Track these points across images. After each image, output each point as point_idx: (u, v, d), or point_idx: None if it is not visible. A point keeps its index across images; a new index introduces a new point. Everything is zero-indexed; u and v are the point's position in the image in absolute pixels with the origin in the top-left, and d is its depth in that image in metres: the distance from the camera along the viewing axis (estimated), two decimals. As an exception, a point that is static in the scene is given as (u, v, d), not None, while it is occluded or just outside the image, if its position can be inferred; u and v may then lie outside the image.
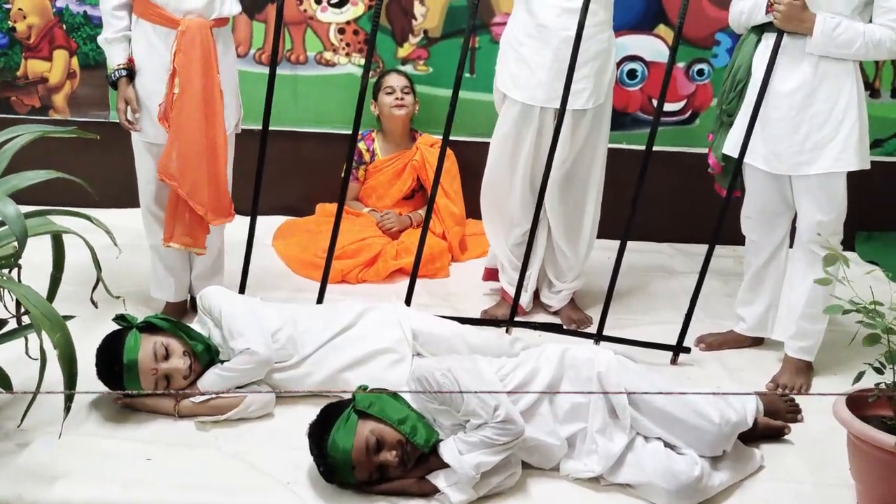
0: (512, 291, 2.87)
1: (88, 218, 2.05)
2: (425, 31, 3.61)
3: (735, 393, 2.15)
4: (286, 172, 3.72)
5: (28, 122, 3.63)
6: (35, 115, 3.69)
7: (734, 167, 2.62)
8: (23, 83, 3.66)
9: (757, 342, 2.87)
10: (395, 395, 2.02)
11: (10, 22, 3.56)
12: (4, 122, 3.65)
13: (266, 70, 3.72)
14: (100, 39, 2.60)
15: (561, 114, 2.61)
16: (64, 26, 3.58)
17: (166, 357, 2.22)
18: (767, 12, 2.44)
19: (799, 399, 2.47)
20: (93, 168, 3.41)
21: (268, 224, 3.61)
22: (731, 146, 2.63)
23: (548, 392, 2.01)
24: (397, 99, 3.45)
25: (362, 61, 3.60)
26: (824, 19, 2.36)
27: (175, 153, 2.57)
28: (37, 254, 2.22)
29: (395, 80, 3.49)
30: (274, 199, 3.73)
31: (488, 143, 2.91)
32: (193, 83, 2.55)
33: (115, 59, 2.58)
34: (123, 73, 2.56)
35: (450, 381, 1.96)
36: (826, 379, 2.67)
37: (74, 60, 3.62)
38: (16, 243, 1.91)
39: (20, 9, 3.55)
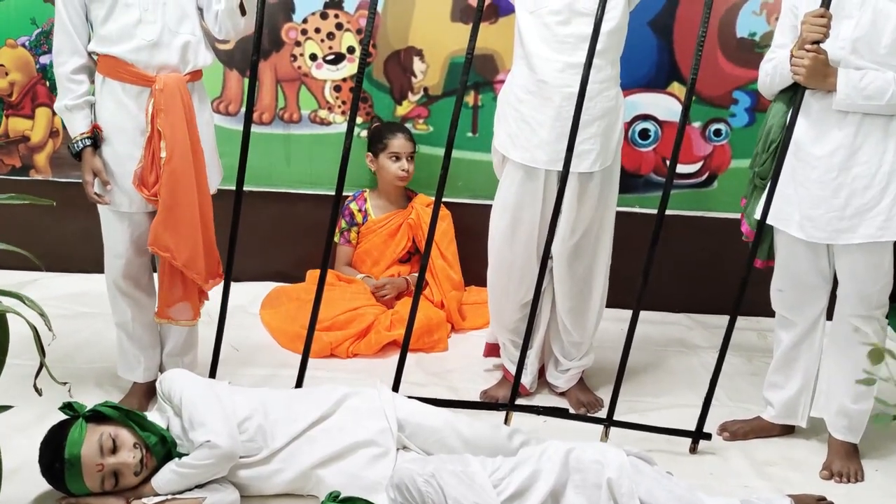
0: (514, 370, 2.61)
1: (19, 297, 1.81)
2: (425, 89, 3.43)
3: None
4: (278, 236, 3.53)
5: (8, 183, 3.49)
6: (16, 175, 3.52)
7: (762, 233, 2.39)
8: (3, 142, 3.49)
9: (787, 430, 2.60)
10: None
11: (-9, 78, 3.41)
12: (-17, 182, 3.54)
13: (260, 129, 3.65)
14: (57, 107, 2.38)
15: (564, 176, 2.38)
16: (47, 83, 3.42)
17: (114, 451, 1.98)
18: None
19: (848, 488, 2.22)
20: (75, 228, 3.25)
21: (257, 290, 3.43)
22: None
23: (550, 502, 1.73)
24: (402, 170, 3.27)
25: (360, 120, 3.42)
26: (847, 72, 2.19)
27: (168, 222, 2.36)
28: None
29: (401, 146, 3.29)
30: (264, 264, 3.55)
31: (490, 206, 2.70)
32: (180, 144, 2.35)
33: (77, 127, 2.36)
34: (88, 142, 2.35)
35: (434, 490, 1.69)
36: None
37: (57, 119, 3.45)
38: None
39: (2, 65, 3.40)
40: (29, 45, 3.38)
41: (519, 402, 2.61)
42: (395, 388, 2.44)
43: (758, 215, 2.39)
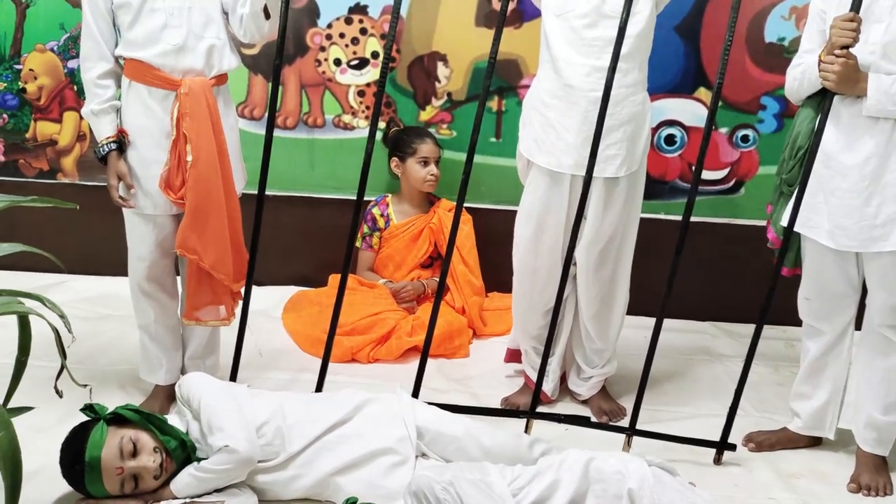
0: (536, 377, 2.58)
1: (40, 299, 1.82)
2: (449, 94, 3.42)
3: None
4: (301, 240, 3.54)
5: (35, 186, 3.53)
6: (43, 178, 3.55)
7: (790, 241, 2.35)
8: (31, 146, 3.53)
9: (815, 442, 2.55)
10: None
11: (20, 82, 3.45)
12: (12, 185, 3.58)
13: (285, 134, 3.66)
14: (84, 112, 2.40)
15: (587, 181, 2.35)
16: (75, 88, 3.46)
17: (134, 454, 1.98)
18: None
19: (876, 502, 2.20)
20: (101, 231, 3.27)
21: (279, 294, 3.44)
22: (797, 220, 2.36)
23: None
24: (431, 175, 3.27)
25: (383, 125, 3.42)
26: (877, 77, 2.15)
27: (195, 224, 2.37)
28: (9, 331, 2.02)
29: (430, 151, 3.29)
30: (287, 268, 3.56)
31: (514, 212, 2.67)
32: (206, 148, 2.36)
33: (103, 131, 2.38)
34: (113, 146, 2.37)
35: (452, 498, 1.67)
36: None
37: (84, 123, 3.48)
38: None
39: (31, 69, 3.44)
40: (57, 50, 3.42)
41: (540, 409, 2.58)
42: (416, 393, 2.43)
43: (785, 222, 2.35)
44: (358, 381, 2.76)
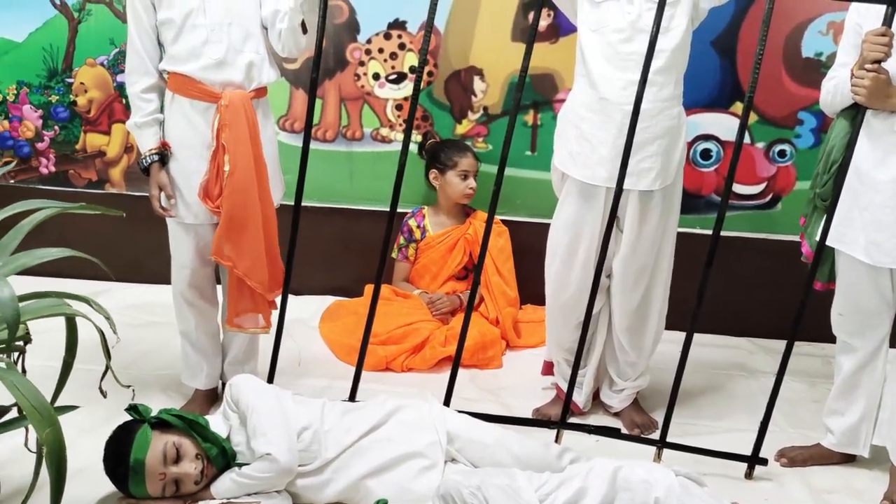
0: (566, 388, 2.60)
1: (88, 301, 1.90)
2: (485, 108, 3.47)
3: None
4: (338, 251, 3.59)
5: (84, 195, 3.64)
6: (92, 188, 3.67)
7: (821, 255, 2.34)
8: (81, 157, 3.65)
9: (848, 458, 2.52)
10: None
11: (71, 96, 3.57)
12: (62, 195, 3.69)
13: (324, 147, 3.74)
14: (129, 124, 2.50)
15: (617, 194, 2.37)
16: (123, 101, 3.57)
17: (177, 460, 2.04)
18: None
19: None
20: (145, 240, 3.37)
21: (317, 304, 3.50)
22: (831, 234, 2.35)
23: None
24: (470, 188, 3.32)
25: (419, 138, 3.47)
26: None
27: (229, 233, 2.44)
28: (52, 336, 2.10)
29: (470, 164, 3.34)
30: (324, 278, 3.62)
31: (549, 225, 2.69)
32: (243, 159, 2.43)
33: (146, 143, 2.47)
34: (156, 157, 2.45)
35: (479, 502, 1.70)
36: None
37: (132, 135, 3.58)
38: (22, 326, 1.77)
39: (82, 83, 3.56)
40: (107, 64, 3.54)
41: (571, 420, 2.59)
42: (447, 402, 2.46)
43: (818, 237, 2.34)
44: (391, 390, 2.79)
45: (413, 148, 3.48)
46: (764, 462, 2.43)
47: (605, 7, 2.40)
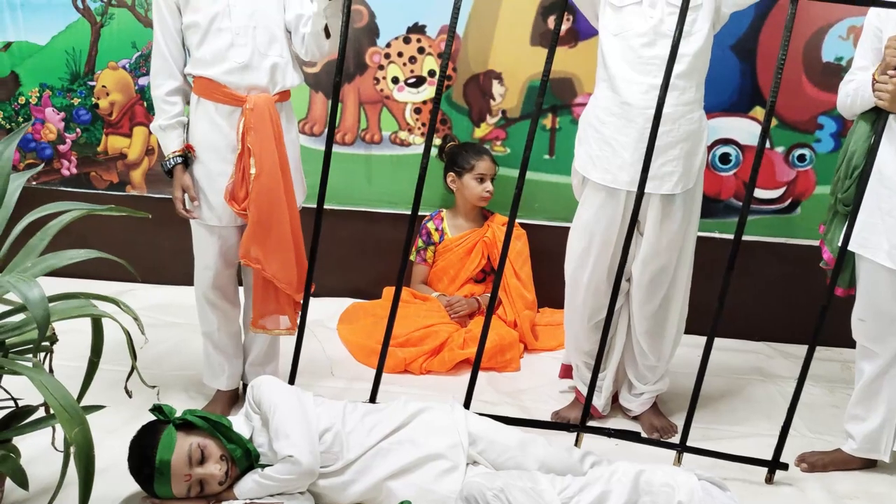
0: (586, 392, 2.60)
1: (116, 302, 1.92)
2: (503, 112, 3.48)
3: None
4: (357, 253, 3.61)
5: (106, 197, 3.68)
6: (113, 190, 3.70)
7: (844, 260, 2.33)
8: (102, 159, 3.69)
9: (869, 464, 2.51)
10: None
11: (93, 98, 3.61)
12: (84, 196, 3.73)
13: (343, 150, 3.76)
14: (153, 127, 2.52)
15: (639, 196, 2.38)
16: (145, 104, 3.60)
17: (202, 462, 2.05)
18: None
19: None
20: (167, 242, 3.41)
21: (336, 306, 3.51)
22: (853, 240, 2.34)
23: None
24: (487, 191, 3.34)
25: (438, 141, 3.49)
26: None
27: (257, 235, 2.46)
28: (76, 337, 2.12)
29: (487, 168, 3.35)
30: (343, 280, 3.64)
31: (567, 228, 2.70)
32: (269, 161, 2.45)
33: (170, 146, 2.49)
34: (179, 159, 2.48)
35: (502, 504, 1.71)
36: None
37: (153, 137, 3.62)
38: (50, 327, 1.80)
39: (104, 86, 3.59)
40: (129, 68, 3.57)
41: (590, 424, 2.59)
42: (467, 405, 2.47)
43: (850, 245, 2.33)
44: (410, 392, 2.80)
45: (432, 151, 3.49)
46: (785, 467, 2.43)
47: (627, 11, 2.41)
